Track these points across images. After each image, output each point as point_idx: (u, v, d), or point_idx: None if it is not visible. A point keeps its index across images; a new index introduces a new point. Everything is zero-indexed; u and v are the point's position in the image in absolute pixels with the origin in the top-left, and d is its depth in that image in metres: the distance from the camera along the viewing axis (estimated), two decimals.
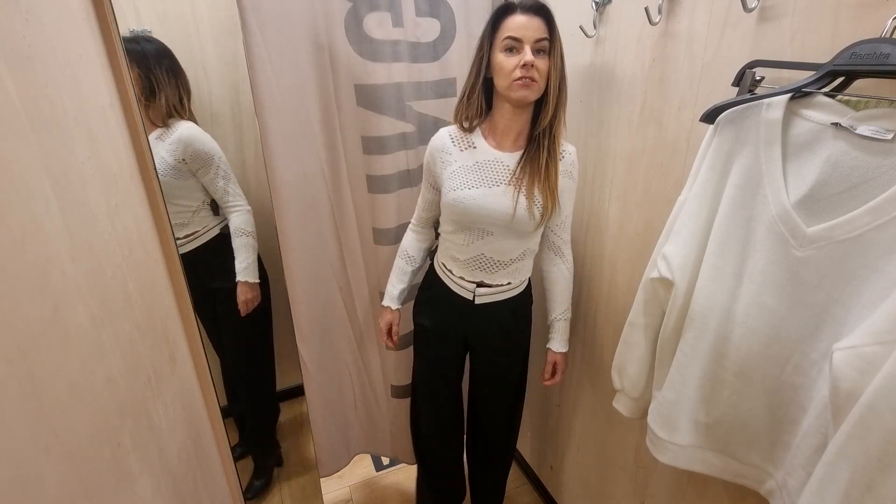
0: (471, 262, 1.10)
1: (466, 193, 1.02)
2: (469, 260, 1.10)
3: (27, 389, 0.40)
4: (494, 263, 1.09)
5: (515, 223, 1.02)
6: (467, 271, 1.11)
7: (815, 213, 0.61)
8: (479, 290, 1.12)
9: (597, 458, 1.33)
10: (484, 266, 1.10)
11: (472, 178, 1.03)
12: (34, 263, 0.44)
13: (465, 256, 1.10)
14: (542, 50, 0.94)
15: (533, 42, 0.93)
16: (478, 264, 1.09)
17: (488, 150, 1.05)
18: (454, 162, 1.05)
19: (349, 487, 1.76)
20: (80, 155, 0.57)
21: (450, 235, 1.11)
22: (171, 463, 0.73)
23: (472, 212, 1.03)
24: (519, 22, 0.93)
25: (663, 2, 0.86)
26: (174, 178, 1.37)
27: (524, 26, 0.93)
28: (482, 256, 1.08)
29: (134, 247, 0.72)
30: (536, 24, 0.93)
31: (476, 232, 1.06)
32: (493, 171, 1.03)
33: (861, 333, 0.52)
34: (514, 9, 0.94)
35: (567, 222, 1.12)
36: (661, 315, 0.82)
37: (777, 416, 0.69)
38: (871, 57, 0.54)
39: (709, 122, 0.73)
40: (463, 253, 1.09)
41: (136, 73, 1.30)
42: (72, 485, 0.45)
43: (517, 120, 1.02)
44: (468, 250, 1.08)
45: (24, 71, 0.47)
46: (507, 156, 1.04)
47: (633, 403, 0.94)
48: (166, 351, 0.80)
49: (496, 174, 1.03)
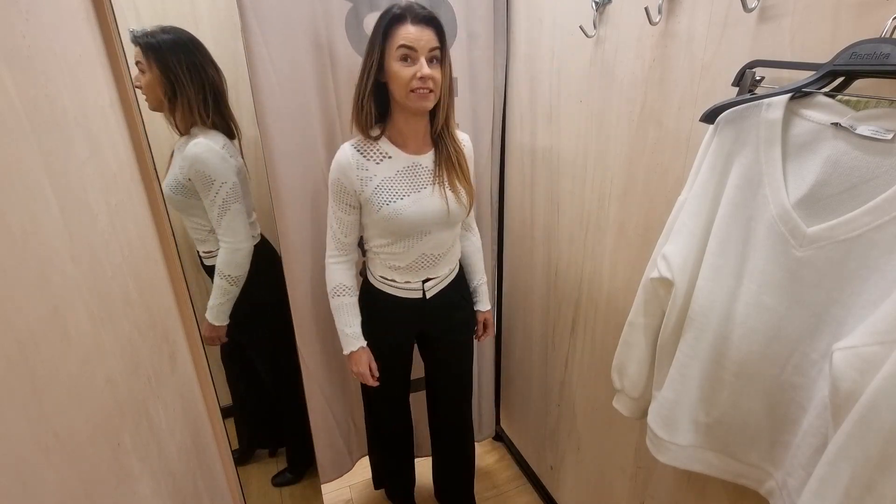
0: (413, 265, 1.13)
1: (401, 204, 1.04)
2: (411, 263, 1.13)
3: (27, 389, 0.40)
4: (435, 258, 1.15)
5: (451, 217, 1.10)
6: (412, 274, 1.14)
7: (815, 213, 0.61)
8: (427, 284, 1.17)
9: (597, 458, 1.33)
10: (427, 263, 1.14)
11: (399, 187, 1.05)
12: (34, 263, 0.44)
13: (406, 262, 1.12)
14: (436, 58, 0.98)
15: (427, 52, 0.95)
16: (420, 264, 1.14)
17: (404, 157, 1.07)
18: (375, 177, 1.04)
19: (349, 488, 1.76)
20: (80, 155, 0.57)
21: (386, 248, 1.11)
22: (171, 463, 0.73)
23: (410, 220, 1.05)
24: (413, 32, 0.94)
25: (663, 2, 0.86)
26: (183, 196, 1.26)
27: (418, 37, 0.94)
28: (423, 256, 1.12)
29: (134, 247, 0.72)
30: (429, 35, 0.95)
31: (414, 236, 1.09)
32: (415, 176, 1.07)
33: (861, 333, 0.52)
34: (406, 18, 0.95)
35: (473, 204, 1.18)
36: (661, 315, 0.82)
37: (777, 416, 0.69)
38: (871, 57, 0.54)
39: (709, 122, 0.73)
40: (404, 259, 1.12)
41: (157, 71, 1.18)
42: (72, 485, 0.45)
43: (420, 123, 1.07)
44: (409, 255, 1.11)
45: (24, 71, 0.47)
46: (422, 158, 1.09)
47: (633, 403, 0.94)
48: (166, 351, 0.80)
49: (418, 178, 1.08)
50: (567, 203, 1.27)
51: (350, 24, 1.19)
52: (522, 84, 1.38)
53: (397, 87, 0.98)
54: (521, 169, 1.48)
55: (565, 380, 1.42)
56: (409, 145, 1.08)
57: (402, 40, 0.94)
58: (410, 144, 1.08)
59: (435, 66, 0.98)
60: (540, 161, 1.36)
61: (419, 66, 0.95)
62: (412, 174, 1.07)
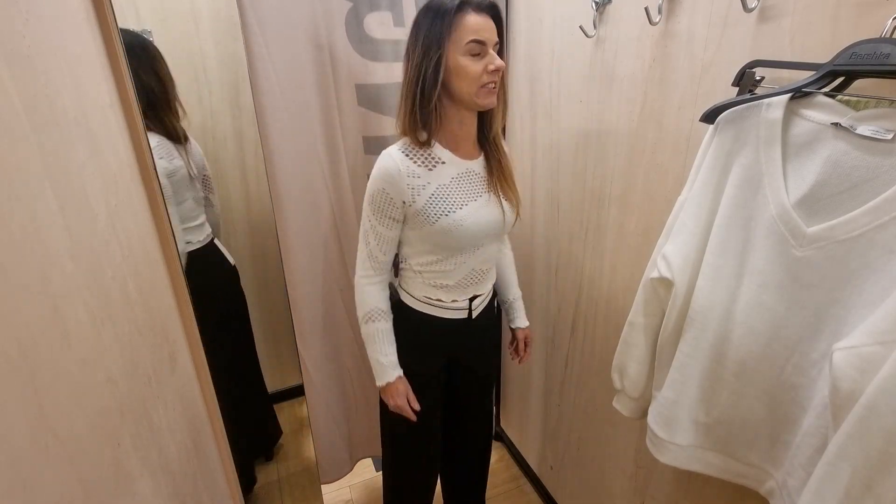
0: (463, 282, 1.03)
1: (461, 214, 0.94)
2: (461, 280, 1.03)
3: (27, 389, 0.40)
4: (483, 273, 1.06)
5: (506, 227, 1.02)
6: (460, 292, 1.04)
7: (815, 213, 0.61)
8: (474, 302, 1.07)
9: (597, 458, 1.33)
10: (475, 279, 1.05)
11: (457, 196, 0.95)
12: (34, 263, 0.44)
13: (456, 280, 1.02)
14: (497, 52, 0.90)
15: (493, 45, 0.88)
16: (469, 280, 1.04)
17: (458, 162, 0.97)
18: (429, 185, 0.93)
19: (349, 488, 1.76)
20: (80, 155, 0.57)
21: (434, 266, 1.00)
22: (171, 463, 0.73)
23: (471, 231, 0.95)
24: (480, 23, 0.85)
25: (663, 2, 0.86)
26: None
27: (486, 27, 0.86)
28: (473, 272, 1.03)
29: (134, 247, 0.72)
30: (492, 26, 0.88)
31: (469, 251, 1.00)
32: (470, 183, 0.97)
33: (861, 333, 0.52)
34: (469, 7, 0.85)
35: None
36: (661, 315, 0.82)
37: (777, 415, 0.69)
38: (871, 57, 0.54)
39: (709, 122, 0.73)
40: (454, 277, 1.02)
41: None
42: (72, 485, 0.45)
43: (473, 125, 0.97)
44: (460, 272, 1.01)
45: (24, 71, 0.47)
46: (473, 163, 0.99)
47: (633, 403, 0.94)
48: (166, 351, 0.80)
49: (473, 185, 0.98)
50: (567, 203, 1.27)
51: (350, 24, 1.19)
52: (522, 84, 1.38)
53: (465, 84, 0.88)
54: (521, 169, 1.48)
55: (565, 380, 1.42)
56: (461, 149, 0.97)
57: (472, 34, 0.85)
58: (462, 148, 0.98)
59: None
60: (540, 161, 1.36)
61: (490, 58, 0.87)
62: (468, 181, 0.97)
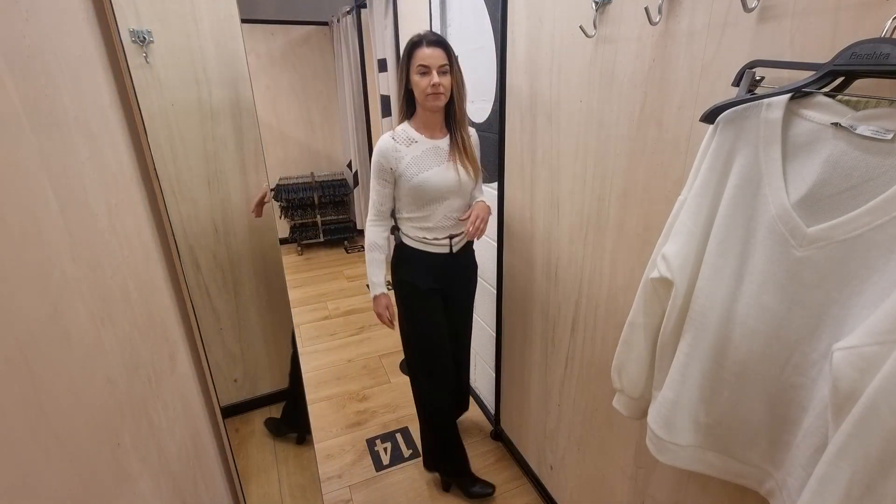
0: (439, 225, 1.47)
1: (427, 175, 1.40)
2: (438, 223, 1.47)
3: (27, 389, 0.40)
4: (456, 217, 1.48)
5: (462, 186, 1.44)
6: (439, 232, 1.48)
7: (815, 213, 0.61)
8: (454, 240, 1.49)
9: (597, 458, 1.33)
10: (450, 222, 1.48)
11: (423, 163, 1.40)
12: (34, 263, 0.44)
13: (434, 223, 1.46)
14: (445, 71, 1.32)
15: (438, 67, 1.30)
16: (444, 224, 1.47)
17: (427, 141, 1.42)
18: (406, 156, 1.39)
19: (349, 487, 1.76)
20: (80, 155, 0.57)
21: (416, 213, 1.46)
22: (171, 463, 0.73)
23: (435, 187, 1.40)
24: (427, 53, 1.30)
25: (663, 2, 0.86)
26: None
27: (432, 56, 1.30)
28: (445, 217, 1.46)
29: (134, 247, 0.72)
30: (439, 54, 1.30)
31: (437, 202, 1.44)
32: (435, 155, 1.42)
33: (861, 333, 0.52)
34: (422, 43, 1.30)
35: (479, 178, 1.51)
36: (661, 315, 0.82)
37: (777, 416, 0.69)
38: (871, 57, 0.54)
39: (709, 122, 0.73)
40: (432, 220, 1.46)
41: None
42: (72, 485, 0.45)
43: (437, 117, 1.42)
44: (435, 217, 1.46)
45: (24, 71, 0.47)
46: (439, 142, 1.43)
47: (633, 403, 0.94)
48: (166, 351, 0.80)
49: (437, 156, 1.42)
50: (567, 203, 1.27)
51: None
52: (522, 84, 1.38)
53: (418, 92, 1.35)
54: (521, 169, 1.48)
55: (565, 380, 1.42)
56: (430, 132, 1.43)
57: (420, 61, 1.30)
58: (431, 131, 1.43)
59: (445, 75, 1.32)
60: (540, 161, 1.36)
61: (431, 77, 1.30)
62: (434, 153, 1.42)
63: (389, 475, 1.82)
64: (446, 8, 1.83)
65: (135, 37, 1.36)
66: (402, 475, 1.81)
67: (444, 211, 1.45)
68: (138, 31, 1.40)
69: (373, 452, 1.93)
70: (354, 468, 1.85)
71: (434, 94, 1.32)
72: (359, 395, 2.31)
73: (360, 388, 2.36)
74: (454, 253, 1.50)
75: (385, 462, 1.88)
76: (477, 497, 1.71)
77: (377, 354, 2.64)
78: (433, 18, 1.92)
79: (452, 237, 1.50)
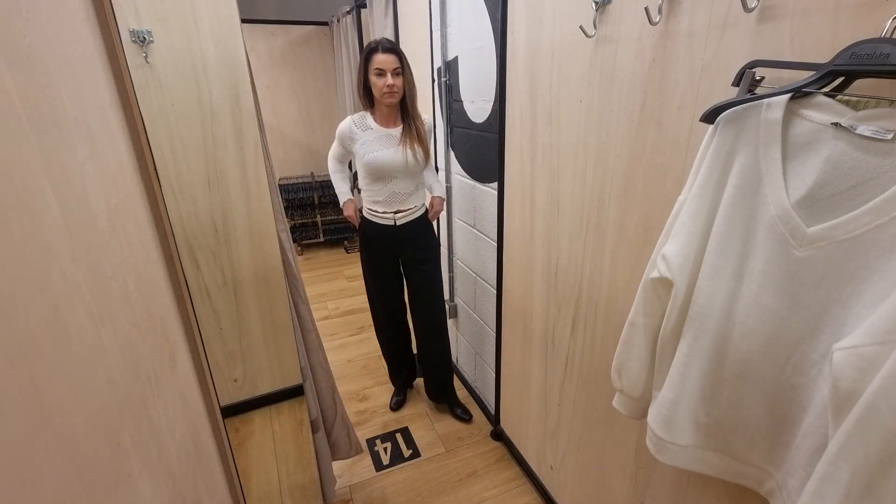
0: (387, 199, 1.76)
1: (376, 155, 1.68)
2: (386, 198, 1.75)
3: (27, 389, 0.40)
4: (402, 195, 1.76)
5: (409, 167, 1.71)
6: (387, 206, 1.76)
7: (815, 213, 0.61)
8: (397, 215, 1.77)
9: (597, 458, 1.33)
10: (396, 199, 1.76)
11: (374, 146, 1.69)
12: (34, 263, 0.44)
13: (382, 197, 1.75)
14: (398, 73, 1.61)
15: (392, 70, 1.59)
16: (392, 200, 1.76)
17: (379, 129, 1.72)
18: (360, 138, 1.71)
19: (349, 487, 1.76)
20: (80, 155, 0.57)
21: (369, 186, 1.75)
22: (171, 463, 0.73)
23: (381, 164, 1.69)
24: (382, 58, 1.58)
25: (663, 2, 0.86)
26: None
27: (386, 61, 1.58)
28: (393, 193, 1.74)
29: (134, 247, 0.72)
30: (392, 59, 1.58)
31: (386, 178, 1.72)
32: (386, 141, 1.70)
33: (861, 333, 0.52)
34: (378, 49, 1.59)
35: (431, 162, 1.83)
36: (661, 315, 0.82)
37: (777, 415, 0.69)
38: (871, 57, 0.54)
39: (709, 122, 0.73)
40: (381, 194, 1.75)
41: None
42: (72, 485, 0.45)
43: (392, 111, 1.72)
44: (384, 192, 1.74)
45: (24, 71, 0.47)
46: (392, 130, 1.72)
47: (633, 403, 0.94)
48: (166, 351, 0.80)
49: (389, 142, 1.70)
50: (567, 203, 1.27)
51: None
52: (522, 84, 1.38)
53: (375, 91, 1.65)
54: (520, 169, 1.48)
55: (565, 380, 1.42)
56: (385, 122, 1.72)
57: (376, 65, 1.60)
58: (386, 121, 1.72)
59: (398, 77, 1.61)
60: (540, 161, 1.36)
61: (386, 79, 1.60)
62: (385, 139, 1.71)
63: (389, 475, 1.82)
64: (446, 8, 1.83)
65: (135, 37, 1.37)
66: (403, 475, 1.81)
67: (394, 188, 1.74)
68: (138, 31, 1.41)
69: (373, 452, 1.93)
70: (354, 468, 1.85)
71: (389, 93, 1.61)
72: (359, 395, 2.31)
73: (360, 388, 2.36)
74: (397, 226, 1.79)
75: (385, 462, 1.88)
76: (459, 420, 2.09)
77: (377, 354, 2.63)
78: (433, 18, 1.92)
79: (397, 212, 1.78)
